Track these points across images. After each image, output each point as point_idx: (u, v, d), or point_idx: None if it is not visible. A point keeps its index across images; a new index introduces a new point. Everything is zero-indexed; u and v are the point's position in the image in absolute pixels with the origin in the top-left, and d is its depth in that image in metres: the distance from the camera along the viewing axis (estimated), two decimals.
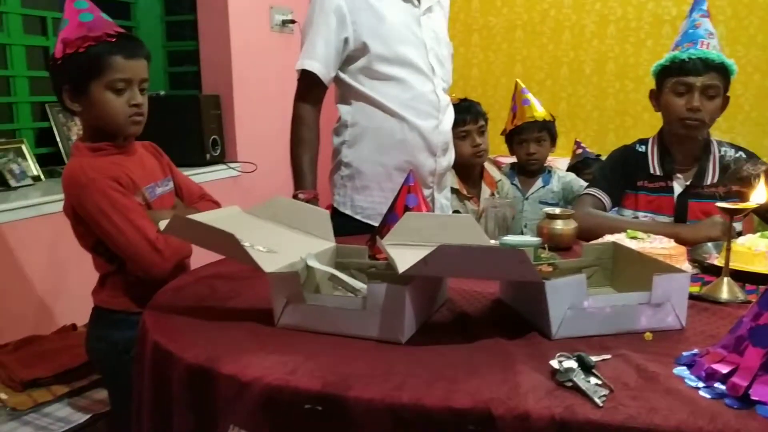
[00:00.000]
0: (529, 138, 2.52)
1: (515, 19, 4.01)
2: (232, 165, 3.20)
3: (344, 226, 1.82)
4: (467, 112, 2.25)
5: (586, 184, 2.16)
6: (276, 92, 3.35)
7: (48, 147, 2.68)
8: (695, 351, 0.93)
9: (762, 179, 1.27)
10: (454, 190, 2.23)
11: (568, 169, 2.95)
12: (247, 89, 3.31)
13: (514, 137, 2.58)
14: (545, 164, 2.61)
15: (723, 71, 1.74)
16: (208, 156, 3.03)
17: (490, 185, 2.36)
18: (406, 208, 1.48)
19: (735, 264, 1.29)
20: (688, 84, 1.74)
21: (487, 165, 2.41)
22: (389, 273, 1.10)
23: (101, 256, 1.52)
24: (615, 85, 3.83)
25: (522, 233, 2.11)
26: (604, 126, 3.89)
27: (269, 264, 1.08)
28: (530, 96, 2.57)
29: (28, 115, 2.64)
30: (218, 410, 0.94)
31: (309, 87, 1.86)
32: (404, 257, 1.01)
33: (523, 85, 2.61)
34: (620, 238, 1.46)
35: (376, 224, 1.60)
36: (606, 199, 1.84)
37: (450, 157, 2.01)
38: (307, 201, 1.72)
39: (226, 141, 3.20)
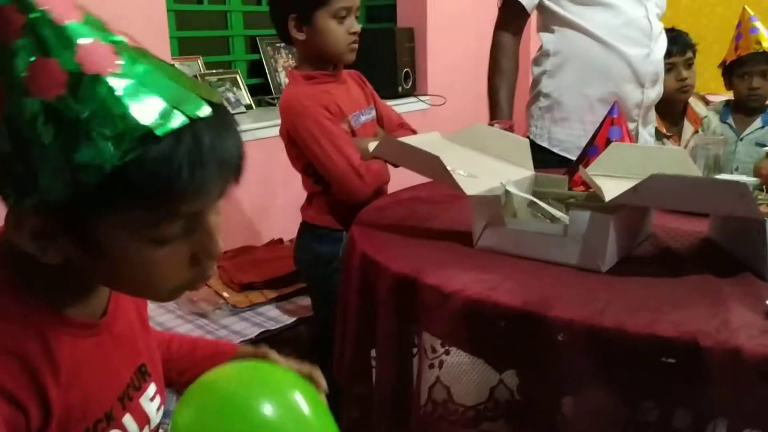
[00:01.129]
0: (754, 71, 2.27)
1: None
2: (422, 98, 3.26)
3: (540, 159, 1.79)
4: (674, 43, 2.08)
5: None
6: (469, 25, 3.33)
7: (258, 78, 2.90)
8: None
9: None
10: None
11: None
12: (441, 22, 3.32)
13: (734, 70, 2.34)
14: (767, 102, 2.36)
15: None
16: (400, 89, 3.10)
17: (693, 123, 2.19)
18: (608, 141, 1.43)
19: None
20: None
21: (692, 101, 2.23)
22: (590, 203, 1.09)
23: (310, 177, 1.64)
24: None
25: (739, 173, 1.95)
26: None
27: (471, 187, 1.12)
28: (759, 24, 2.30)
29: (242, 48, 2.87)
30: (420, 318, 1.00)
31: (511, 15, 1.83)
32: (610, 186, 0.99)
33: (751, 12, 2.34)
34: None
35: (574, 158, 1.57)
36: None
37: (659, 90, 1.89)
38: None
39: (417, 74, 3.26)
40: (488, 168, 1.26)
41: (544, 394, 0.90)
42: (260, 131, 2.40)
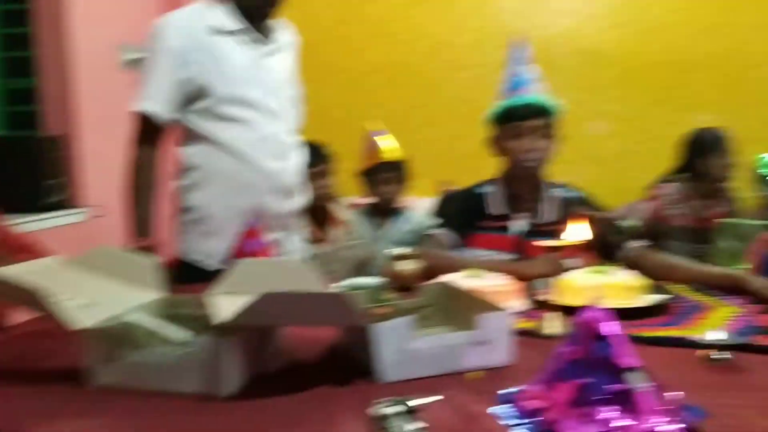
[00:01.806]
0: (382, 178, 2.57)
1: (374, 63, 4.13)
2: (77, 210, 3.00)
3: (190, 274, 1.74)
4: (312, 154, 2.25)
5: None
6: (128, 132, 3.21)
7: None
8: (516, 388, 0.95)
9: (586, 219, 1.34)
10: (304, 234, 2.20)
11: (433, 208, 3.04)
12: (96, 129, 3.14)
13: (367, 177, 2.62)
14: (400, 204, 2.67)
15: (552, 113, 1.86)
16: (49, 200, 2.83)
17: (339, 226, 2.37)
18: (249, 254, 1.44)
19: (562, 298, 1.35)
20: (524, 127, 1.84)
21: (336, 206, 2.43)
22: (213, 325, 1.05)
23: None
24: (468, 128, 4.01)
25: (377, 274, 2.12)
26: (459, 167, 4.04)
27: (83, 319, 1.00)
28: (383, 137, 2.63)
29: None
30: None
31: (146, 129, 1.80)
32: (226, 306, 0.97)
33: (375, 127, 2.67)
34: (459, 276, 1.49)
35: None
36: (450, 239, 1.88)
37: (302, 199, 1.99)
38: (145, 249, 1.63)
39: (71, 184, 3.01)
40: (111, 293, 1.16)
41: None
42: None
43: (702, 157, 2.91)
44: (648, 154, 3.97)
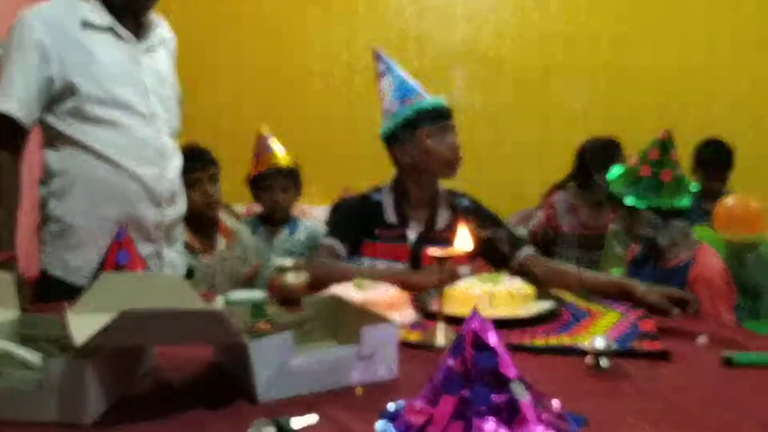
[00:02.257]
0: (274, 185, 2.47)
1: (264, 65, 4.00)
2: None
3: (55, 289, 1.60)
4: (197, 160, 2.11)
5: None
6: None
7: None
8: (401, 402, 0.92)
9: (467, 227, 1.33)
10: (185, 244, 2.06)
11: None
12: None
13: (257, 184, 2.51)
14: (292, 213, 2.58)
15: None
16: None
17: (226, 236, 2.24)
18: (118, 267, 1.34)
19: (452, 308, 1.32)
20: (448, 125, 1.83)
21: (223, 214, 2.30)
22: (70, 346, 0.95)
23: None
24: (367, 131, 3.97)
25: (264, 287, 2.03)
26: (357, 173, 3.99)
27: None
28: (273, 142, 2.53)
29: None
30: None
31: (5, 131, 1.64)
32: (85, 326, 0.88)
33: (266, 132, 2.57)
34: (348, 287, 1.44)
35: None
36: (341, 249, 1.81)
37: (179, 208, 1.86)
38: (1, 264, 1.48)
39: None
40: None
41: None
42: None
43: (594, 166, 3.01)
44: (541, 162, 4.09)
